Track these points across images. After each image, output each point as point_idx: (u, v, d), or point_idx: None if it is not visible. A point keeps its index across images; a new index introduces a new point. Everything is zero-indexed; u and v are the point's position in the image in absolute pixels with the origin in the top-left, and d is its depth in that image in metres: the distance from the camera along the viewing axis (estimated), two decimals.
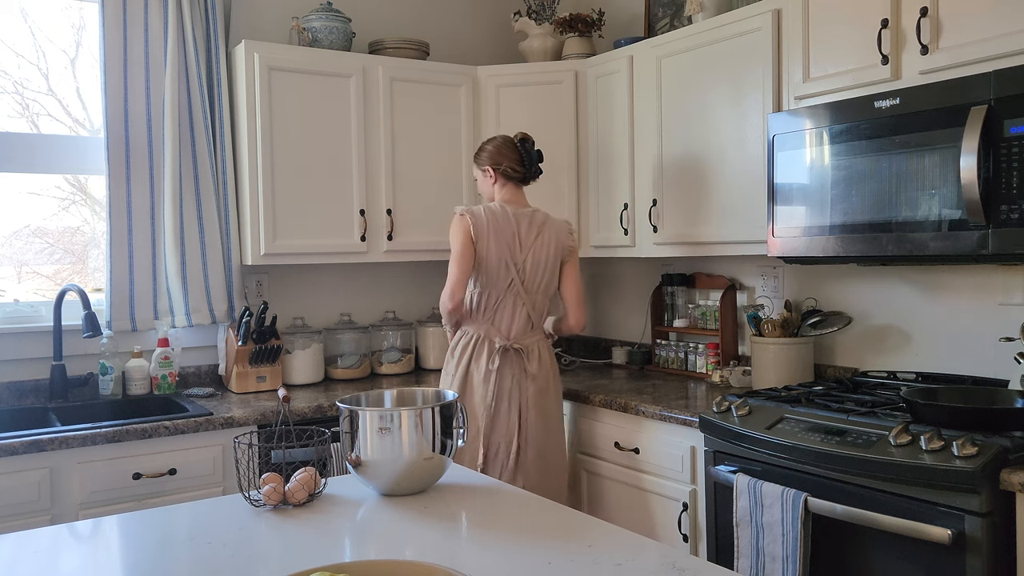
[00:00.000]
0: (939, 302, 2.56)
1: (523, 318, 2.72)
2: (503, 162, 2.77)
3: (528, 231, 2.73)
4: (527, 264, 2.71)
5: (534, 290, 2.73)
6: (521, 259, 2.70)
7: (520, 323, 2.71)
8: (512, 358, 2.68)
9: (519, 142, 2.79)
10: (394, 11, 3.69)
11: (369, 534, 1.50)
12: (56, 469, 2.41)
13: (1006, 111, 1.95)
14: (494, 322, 2.70)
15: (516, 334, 2.71)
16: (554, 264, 2.77)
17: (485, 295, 2.69)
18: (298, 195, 3.12)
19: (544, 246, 2.74)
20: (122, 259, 2.99)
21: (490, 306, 2.70)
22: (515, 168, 2.77)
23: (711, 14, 2.93)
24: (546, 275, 2.75)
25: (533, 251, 2.72)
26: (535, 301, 2.75)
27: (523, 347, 2.69)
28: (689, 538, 2.54)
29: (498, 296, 2.69)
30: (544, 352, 2.77)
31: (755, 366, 2.81)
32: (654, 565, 1.32)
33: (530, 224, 2.73)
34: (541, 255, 2.73)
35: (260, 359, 3.10)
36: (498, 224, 2.68)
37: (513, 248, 2.69)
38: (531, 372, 2.70)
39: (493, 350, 2.66)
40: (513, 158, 2.77)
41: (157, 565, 1.37)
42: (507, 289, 2.69)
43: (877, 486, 1.96)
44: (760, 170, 2.68)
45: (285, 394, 1.83)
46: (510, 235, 2.69)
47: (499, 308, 2.70)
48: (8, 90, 3.02)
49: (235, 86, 3.15)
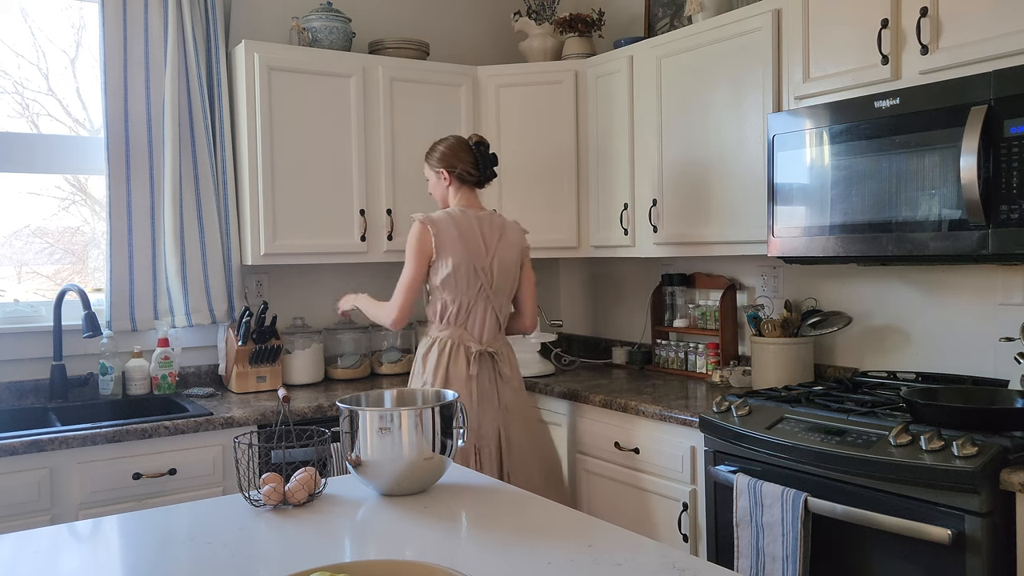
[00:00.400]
0: (939, 302, 2.56)
1: (492, 322, 2.72)
2: (458, 165, 2.73)
3: (491, 234, 2.71)
4: (494, 268, 2.70)
5: (500, 293, 2.73)
6: (488, 263, 2.68)
7: (490, 327, 2.71)
8: (487, 362, 2.68)
9: (474, 144, 2.75)
10: (394, 11, 3.69)
11: (369, 534, 1.50)
12: (56, 469, 2.41)
13: (1006, 111, 1.95)
14: (467, 327, 2.68)
15: (488, 339, 2.70)
16: (516, 266, 2.77)
17: (456, 302, 2.66)
18: (298, 195, 3.12)
19: (507, 248, 2.73)
20: (122, 259, 2.99)
21: (462, 312, 2.67)
22: (470, 171, 2.74)
23: (711, 14, 2.93)
24: (510, 278, 2.75)
25: (498, 254, 2.70)
26: (501, 304, 2.74)
27: (495, 351, 2.69)
28: (689, 538, 2.54)
29: (469, 302, 2.67)
30: (512, 355, 2.79)
31: (755, 366, 2.81)
32: (654, 565, 1.32)
33: (491, 227, 2.72)
34: (506, 258, 2.72)
35: (260, 359, 3.10)
36: (462, 230, 2.65)
37: (480, 253, 2.67)
38: (505, 375, 2.70)
39: (470, 355, 2.64)
40: (468, 161, 2.73)
41: (157, 565, 1.37)
42: (477, 294, 2.67)
43: (877, 486, 1.96)
44: (760, 170, 2.68)
45: (285, 394, 1.83)
46: (475, 240, 2.66)
47: (471, 314, 2.68)
48: (8, 90, 3.02)
49: (235, 86, 3.15)
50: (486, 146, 2.76)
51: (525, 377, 3.28)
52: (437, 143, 2.78)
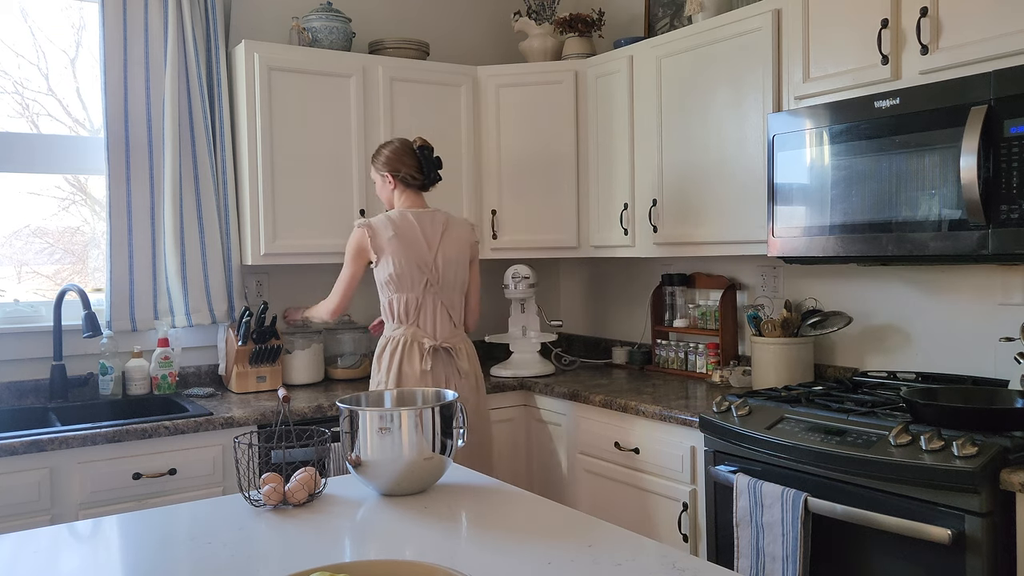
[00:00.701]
0: (939, 302, 2.56)
1: (445, 318, 2.75)
2: (402, 169, 2.77)
3: (433, 230, 2.74)
4: (439, 263, 2.73)
5: (449, 288, 2.76)
6: (432, 259, 2.72)
7: (443, 323, 2.74)
8: (443, 357, 2.71)
9: (418, 149, 2.79)
10: (394, 11, 3.69)
11: (369, 534, 1.50)
12: (56, 469, 2.41)
13: (1006, 111, 1.95)
14: (419, 324, 2.72)
15: (442, 334, 2.73)
16: (464, 261, 2.81)
17: (403, 300, 2.70)
18: (298, 195, 3.12)
19: (452, 243, 2.77)
20: (122, 259, 2.99)
21: (412, 309, 2.71)
22: (414, 175, 2.78)
23: (711, 14, 2.93)
24: (459, 272, 2.79)
25: (442, 249, 2.74)
26: (452, 300, 2.78)
27: (451, 346, 2.72)
28: (689, 538, 2.54)
29: (417, 298, 2.71)
30: (470, 349, 2.81)
31: (755, 366, 2.81)
32: (654, 565, 1.32)
33: (432, 223, 2.75)
34: (451, 253, 2.76)
35: (260, 359, 3.10)
36: (400, 229, 2.70)
37: (422, 250, 2.71)
38: (463, 370, 2.73)
39: (424, 350, 2.68)
40: (412, 165, 2.77)
41: (157, 565, 1.37)
42: (424, 290, 2.71)
43: (877, 486, 1.96)
44: (760, 170, 2.68)
45: (285, 394, 1.83)
46: (415, 237, 2.70)
47: (421, 310, 2.72)
48: (8, 90, 3.02)
49: (235, 86, 3.15)
50: (430, 150, 2.80)
51: (525, 377, 3.28)
52: (382, 146, 2.83)
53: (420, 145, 2.79)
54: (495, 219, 3.48)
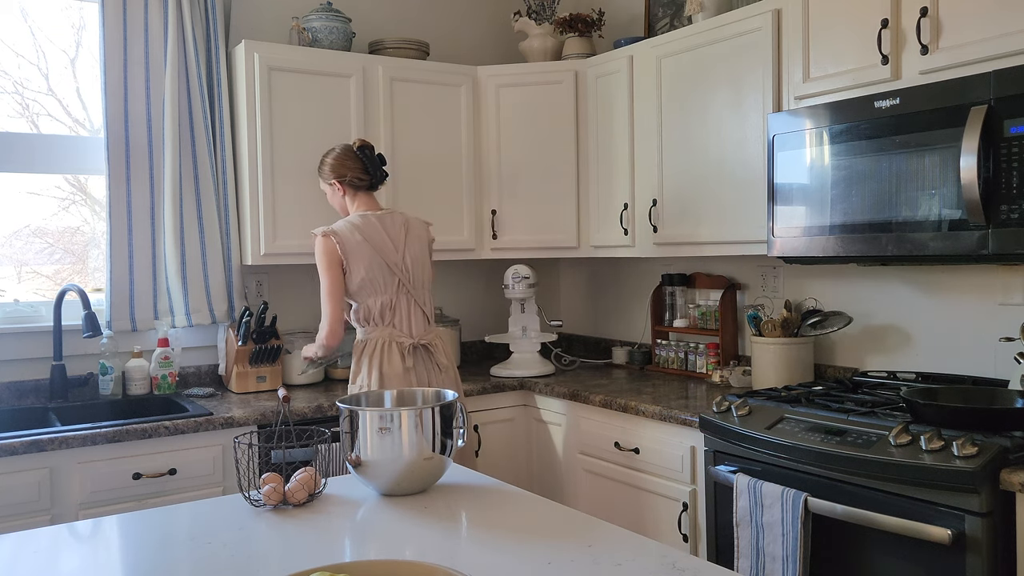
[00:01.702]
0: (939, 302, 2.56)
1: (419, 316, 2.74)
2: (347, 173, 2.75)
3: (396, 231, 2.73)
4: (407, 262, 2.72)
5: (419, 286, 2.76)
6: (399, 259, 2.71)
7: (418, 321, 2.73)
8: (422, 354, 2.70)
9: (358, 150, 2.77)
10: (394, 11, 3.69)
11: (369, 534, 1.50)
12: (56, 469, 2.41)
13: (1006, 111, 1.95)
14: (395, 324, 2.69)
15: (418, 331, 2.72)
16: (427, 259, 2.80)
17: (379, 304, 2.67)
18: (298, 195, 3.12)
19: (415, 241, 2.76)
20: (122, 259, 2.99)
21: (386, 311, 2.68)
22: (360, 177, 2.76)
23: (711, 14, 2.93)
24: (425, 270, 2.78)
25: (409, 249, 2.73)
26: (424, 298, 2.77)
27: (428, 342, 2.71)
28: (689, 538, 2.54)
29: (391, 300, 2.69)
30: (446, 344, 2.80)
31: (755, 366, 2.81)
32: (654, 565, 1.32)
33: (393, 223, 2.74)
34: (415, 251, 2.75)
35: (260, 359, 3.10)
36: (366, 233, 2.67)
37: (390, 251, 2.69)
38: (443, 365, 2.73)
39: (404, 349, 2.66)
40: (356, 167, 2.75)
41: (157, 565, 1.37)
42: (397, 291, 2.70)
43: (877, 486, 1.96)
44: (760, 170, 2.68)
45: (285, 394, 1.83)
46: (381, 240, 2.68)
47: (396, 311, 2.70)
48: (8, 90, 3.02)
49: (235, 86, 3.15)
50: (371, 149, 2.79)
51: (525, 377, 3.29)
52: (325, 156, 2.80)
53: (360, 145, 2.78)
54: (495, 219, 3.48)
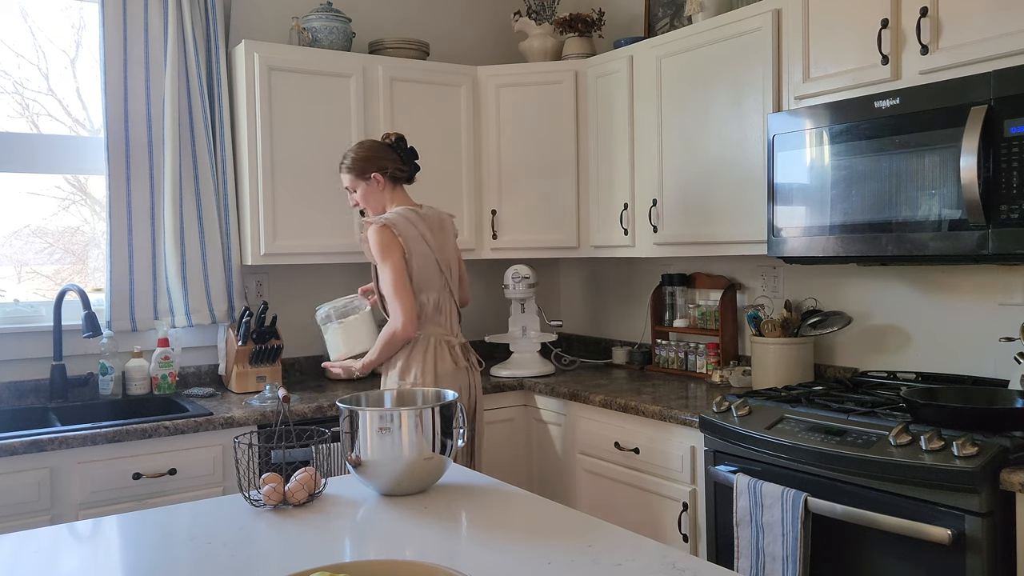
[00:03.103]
0: (939, 302, 2.56)
1: (455, 314, 2.74)
2: (388, 165, 2.66)
3: (436, 228, 2.70)
4: (448, 259, 2.71)
5: (454, 284, 2.75)
6: (444, 256, 2.69)
7: (455, 319, 2.73)
8: (465, 353, 2.71)
9: (395, 142, 2.70)
10: (394, 11, 3.69)
11: (369, 534, 1.50)
12: (56, 469, 2.41)
13: (1006, 111, 1.95)
14: (440, 323, 2.66)
15: (456, 330, 2.72)
16: (457, 255, 2.78)
17: (431, 300, 2.63)
18: (298, 195, 3.12)
19: (449, 239, 2.74)
20: (122, 259, 2.99)
21: (434, 309, 2.65)
22: (401, 168, 2.69)
23: (711, 14, 2.93)
24: (456, 268, 2.77)
25: (447, 246, 2.72)
26: (459, 296, 2.77)
27: (464, 342, 2.72)
28: (689, 538, 2.54)
29: (438, 298, 2.66)
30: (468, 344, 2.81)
31: (755, 366, 2.81)
32: (654, 565, 1.32)
33: (432, 220, 2.70)
34: (450, 248, 2.73)
35: (260, 359, 3.10)
36: (417, 228, 2.61)
37: (437, 247, 2.66)
38: (474, 363, 2.73)
39: (453, 348, 2.65)
40: (395, 159, 2.68)
41: (157, 565, 1.37)
42: (442, 289, 2.68)
43: (877, 486, 1.96)
44: (760, 170, 2.68)
45: (285, 394, 1.83)
46: (429, 236, 2.64)
47: (441, 309, 2.67)
48: (8, 90, 3.02)
49: (235, 86, 3.15)
50: (405, 140, 2.73)
51: (525, 377, 3.29)
52: (354, 151, 2.68)
53: (397, 138, 2.71)
54: (495, 219, 3.48)
